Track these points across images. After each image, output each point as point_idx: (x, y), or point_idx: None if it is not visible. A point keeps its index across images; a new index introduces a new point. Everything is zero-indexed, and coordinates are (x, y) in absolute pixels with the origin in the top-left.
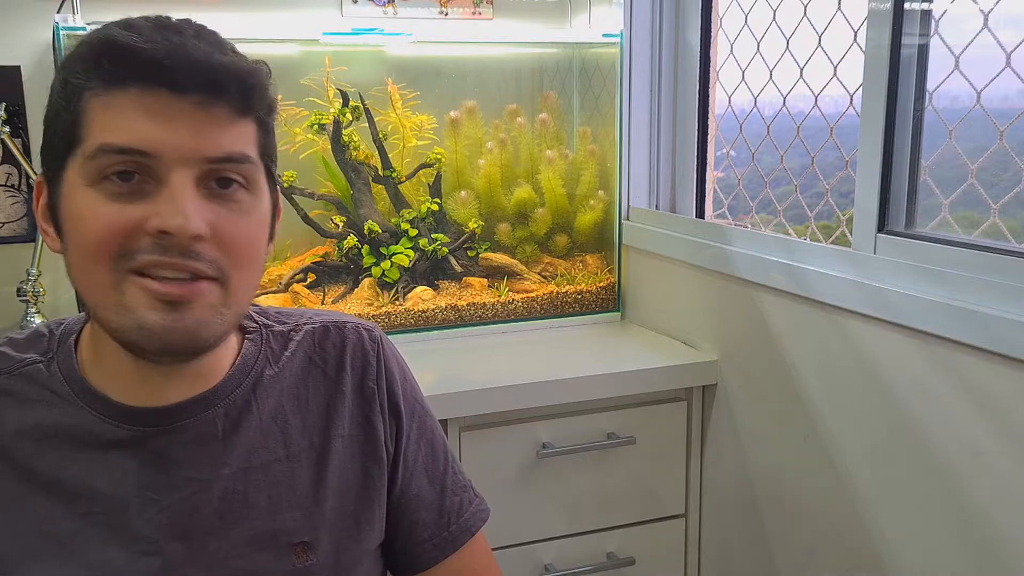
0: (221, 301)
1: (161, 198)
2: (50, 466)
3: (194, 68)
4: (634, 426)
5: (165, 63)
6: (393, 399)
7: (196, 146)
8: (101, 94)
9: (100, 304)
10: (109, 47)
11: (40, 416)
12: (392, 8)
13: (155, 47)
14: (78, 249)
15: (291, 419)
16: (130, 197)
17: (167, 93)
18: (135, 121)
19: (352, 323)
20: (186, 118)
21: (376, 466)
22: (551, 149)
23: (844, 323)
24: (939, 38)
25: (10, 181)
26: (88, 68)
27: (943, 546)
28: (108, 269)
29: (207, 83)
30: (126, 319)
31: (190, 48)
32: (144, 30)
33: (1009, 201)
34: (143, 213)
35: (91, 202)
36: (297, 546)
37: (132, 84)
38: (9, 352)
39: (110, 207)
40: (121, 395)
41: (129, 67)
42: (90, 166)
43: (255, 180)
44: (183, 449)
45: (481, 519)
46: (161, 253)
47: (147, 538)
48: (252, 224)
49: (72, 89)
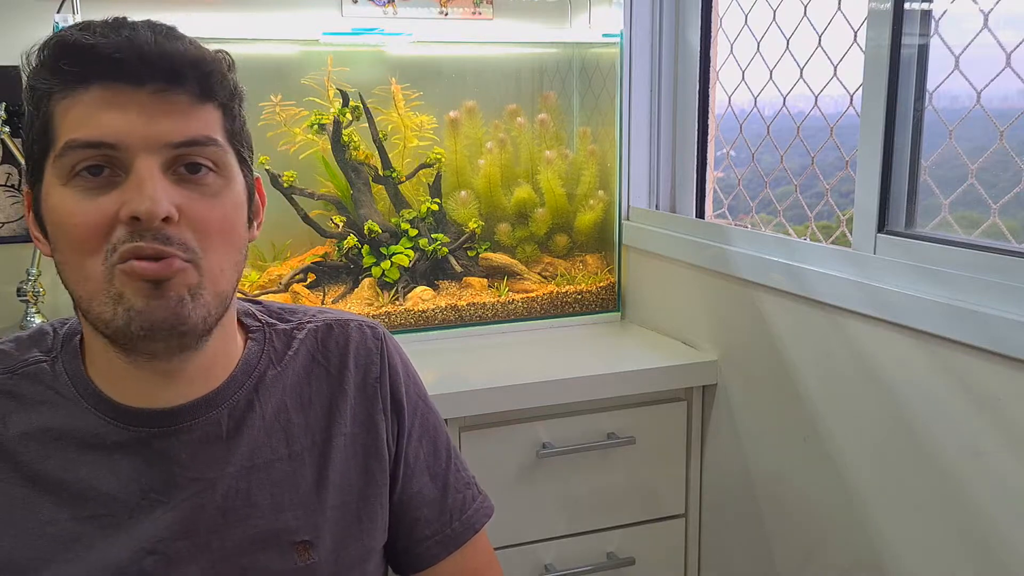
0: (196, 283)
1: (129, 186)
2: (56, 468)
3: (148, 59)
4: (634, 426)
5: (118, 57)
6: (396, 397)
7: (157, 133)
8: (65, 95)
9: (94, 298)
10: (65, 49)
11: (45, 418)
12: (392, 8)
13: (108, 42)
14: (65, 248)
15: (294, 418)
16: (102, 190)
17: (126, 86)
18: (97, 116)
19: (355, 321)
20: (146, 107)
21: (378, 464)
22: (551, 149)
23: (844, 323)
24: (939, 38)
25: (10, 181)
26: (49, 72)
27: (943, 546)
28: (98, 263)
29: (163, 72)
30: (118, 307)
31: (142, 40)
32: (97, 28)
33: (1009, 201)
34: (115, 203)
35: (67, 200)
36: (299, 545)
37: (92, 82)
38: (12, 351)
39: (85, 203)
40: (125, 397)
41: (86, 65)
42: (60, 164)
43: (225, 163)
44: (188, 450)
45: (485, 516)
46: (137, 240)
47: (152, 537)
48: (224, 206)
49: (39, 95)
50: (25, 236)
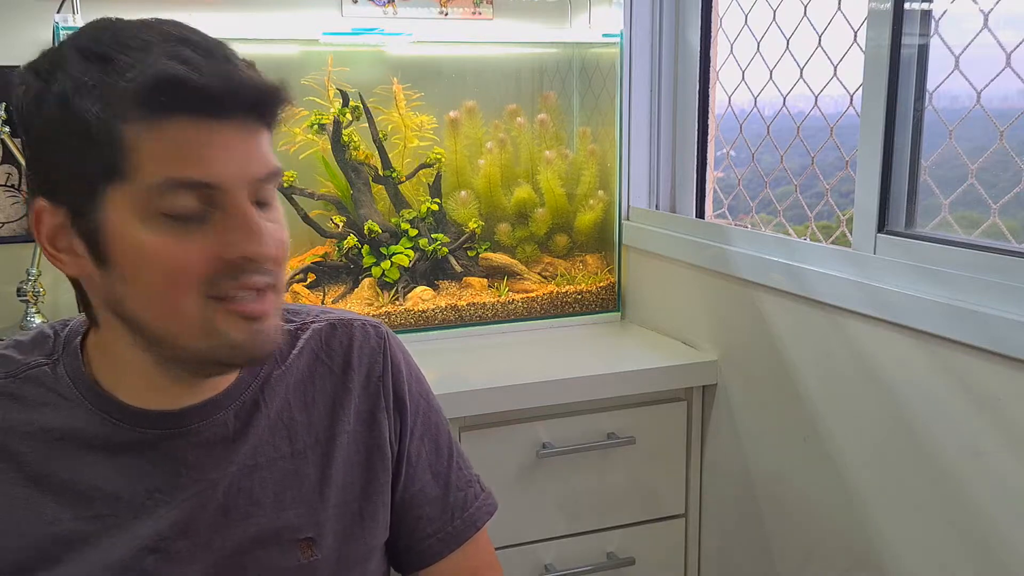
0: (278, 304)
1: (231, 225)
2: (60, 469)
3: (242, 93)
4: (634, 426)
5: (219, 94)
6: (398, 395)
7: (249, 169)
8: (151, 127)
9: (184, 333)
10: (169, 83)
11: (48, 419)
12: (392, 8)
13: (211, 81)
14: (156, 286)
15: (297, 416)
16: (194, 227)
17: (213, 120)
18: (197, 153)
19: (359, 320)
20: (236, 143)
21: (381, 462)
22: (550, 149)
23: (844, 323)
24: (939, 38)
25: (10, 181)
26: (139, 101)
27: (943, 546)
28: (196, 300)
29: (250, 105)
30: (216, 341)
31: (237, 74)
32: (195, 62)
33: (1009, 201)
34: (214, 242)
35: (161, 239)
36: (302, 542)
37: (181, 114)
38: (14, 355)
39: (182, 242)
40: (132, 398)
41: (185, 102)
42: (152, 200)
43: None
44: (195, 451)
45: (487, 513)
46: (238, 277)
47: (154, 536)
48: (285, 229)
49: (109, 123)
50: (25, 236)
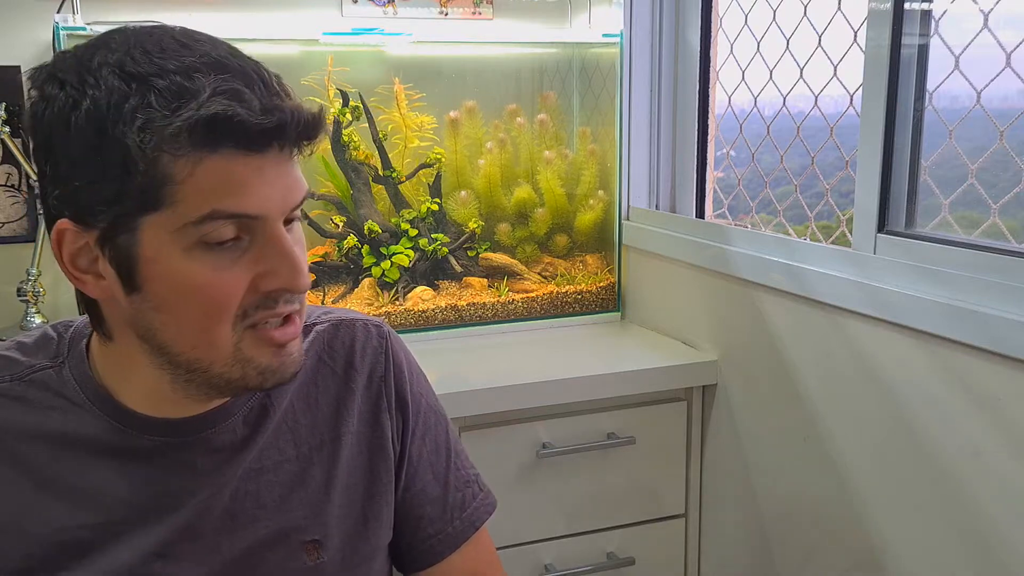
0: (301, 326)
1: (268, 254)
2: (67, 474)
3: (289, 127)
4: (634, 426)
5: (269, 130)
6: (400, 395)
7: (288, 198)
8: (193, 159)
9: (216, 361)
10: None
11: (56, 423)
12: (392, 8)
13: (262, 118)
14: (193, 316)
15: (301, 419)
16: (232, 256)
17: (257, 153)
18: (239, 187)
19: (361, 320)
20: (276, 173)
21: (384, 463)
22: (550, 149)
23: (844, 323)
24: (939, 38)
25: (10, 181)
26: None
27: (943, 546)
28: (229, 330)
29: (294, 138)
30: (246, 368)
31: (284, 107)
32: (246, 97)
33: (1009, 201)
34: (249, 271)
35: (198, 270)
36: (308, 544)
37: (227, 147)
38: (18, 357)
39: (222, 272)
40: (142, 406)
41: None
42: (194, 232)
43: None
44: (204, 458)
45: (486, 513)
46: (272, 307)
47: (161, 541)
48: (305, 251)
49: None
50: (25, 236)
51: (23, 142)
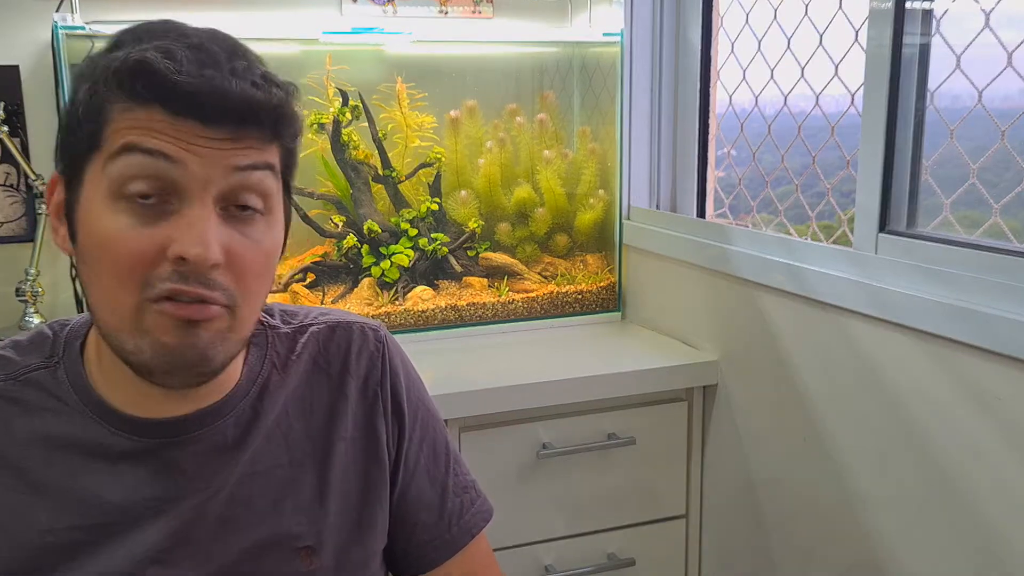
0: (228, 327)
1: (181, 222)
2: (59, 476)
3: (225, 104)
4: (634, 426)
5: (195, 97)
6: (396, 401)
7: (220, 165)
8: (128, 108)
9: (117, 327)
10: (145, 71)
11: (48, 425)
12: (392, 7)
13: (185, 80)
14: (100, 271)
15: (294, 423)
16: (151, 220)
17: (194, 123)
18: (162, 138)
19: (358, 323)
20: (213, 146)
21: (378, 469)
22: (549, 149)
23: (845, 323)
24: (940, 37)
25: (9, 181)
26: (119, 83)
27: (943, 546)
28: (132, 297)
29: (237, 118)
30: (143, 341)
31: (222, 83)
32: (182, 61)
33: (1010, 201)
34: (163, 237)
35: (113, 224)
36: (302, 550)
37: (158, 107)
38: (13, 356)
39: (133, 232)
40: (131, 407)
41: (158, 93)
42: (111, 170)
43: (272, 197)
44: (194, 460)
45: (483, 520)
46: (178, 281)
47: (154, 547)
48: (265, 249)
49: (99, 100)
50: (24, 236)
51: (22, 141)
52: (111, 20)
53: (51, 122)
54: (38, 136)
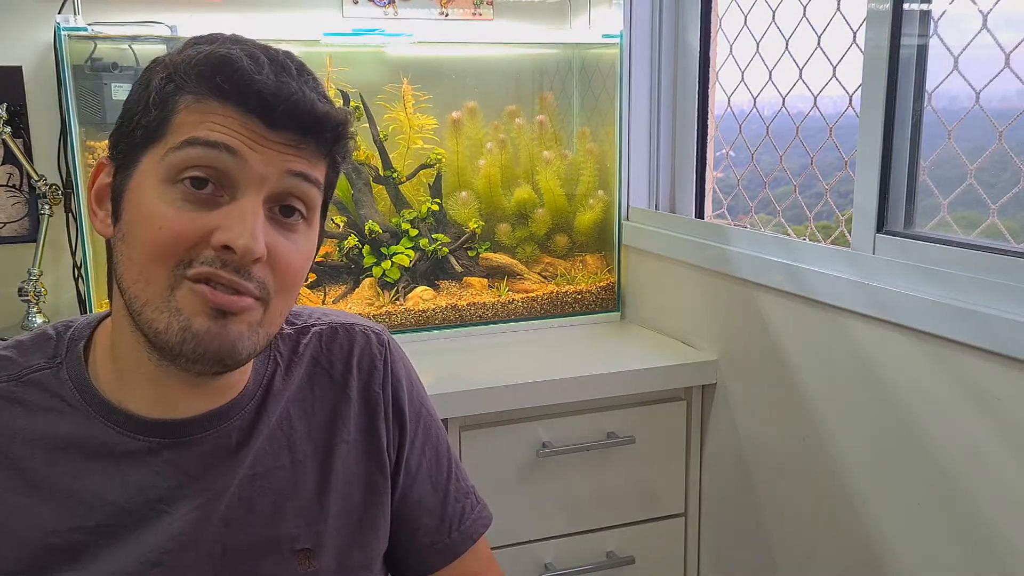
0: (259, 320)
1: (232, 214)
2: (62, 477)
3: (296, 111)
4: (634, 426)
5: (271, 100)
6: (398, 405)
7: (277, 166)
8: (200, 100)
9: (149, 302)
10: (228, 67)
11: (51, 426)
12: (392, 9)
13: (267, 82)
14: (140, 246)
15: (296, 425)
16: (201, 206)
17: (263, 124)
18: (227, 132)
19: (361, 325)
20: (274, 149)
21: (380, 472)
22: (549, 150)
23: (843, 323)
24: (938, 38)
25: (11, 181)
26: (198, 74)
27: (942, 546)
28: (167, 272)
29: (302, 126)
30: (173, 320)
31: (298, 93)
32: (263, 64)
33: (1008, 201)
34: (211, 224)
35: (163, 203)
36: (300, 552)
37: (233, 105)
38: (15, 357)
39: (181, 213)
40: (137, 406)
41: (238, 90)
42: (171, 159)
43: (314, 209)
44: (198, 461)
45: (483, 526)
46: (219, 267)
47: (157, 548)
48: (302, 255)
49: (171, 88)
50: (27, 236)
51: (24, 142)
52: (113, 21)
53: (54, 123)
54: (40, 137)
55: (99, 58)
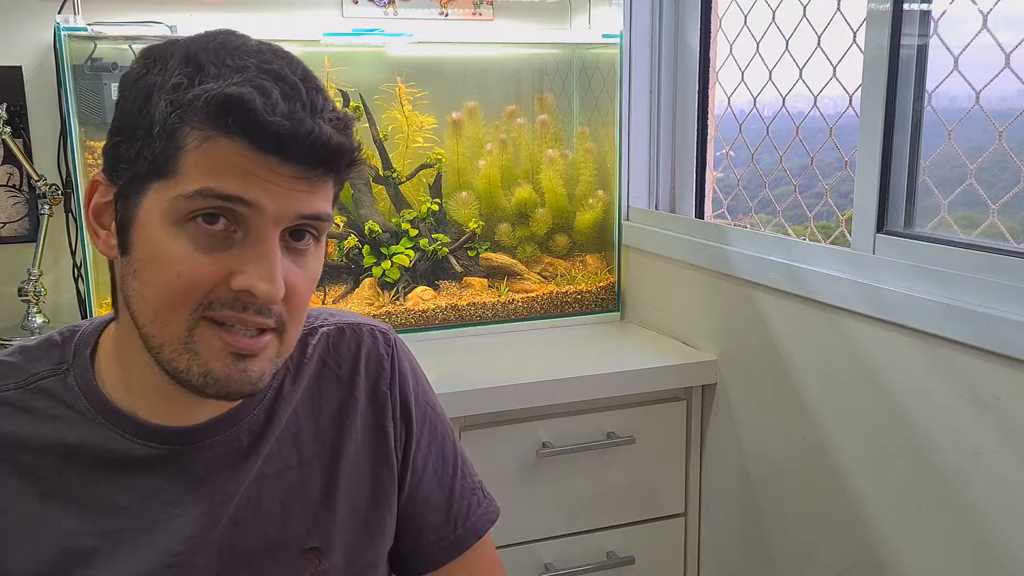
0: (277, 351)
1: (250, 254)
2: (73, 484)
3: (310, 148)
4: (634, 426)
5: (286, 139)
6: (405, 405)
7: (292, 208)
8: (209, 138)
9: (166, 343)
10: (241, 108)
11: (61, 433)
12: (392, 9)
13: (282, 123)
14: (156, 290)
15: (304, 425)
16: (216, 245)
17: (274, 160)
18: (239, 175)
19: (368, 325)
20: (287, 184)
21: (387, 471)
22: (551, 148)
23: (843, 323)
24: (938, 39)
25: (11, 181)
26: (209, 115)
27: (942, 546)
28: (186, 314)
29: (316, 161)
30: (193, 363)
31: (312, 127)
32: (276, 100)
33: (1008, 201)
34: (228, 265)
35: (176, 245)
36: (308, 552)
37: (244, 142)
38: (21, 363)
39: (197, 257)
40: (146, 413)
41: (249, 131)
42: (183, 205)
43: (324, 232)
44: (209, 466)
45: (489, 521)
46: (240, 310)
47: (169, 551)
48: (312, 277)
49: (176, 120)
50: (27, 236)
51: (24, 142)
52: (113, 21)
53: (54, 123)
54: (40, 137)
55: (99, 58)
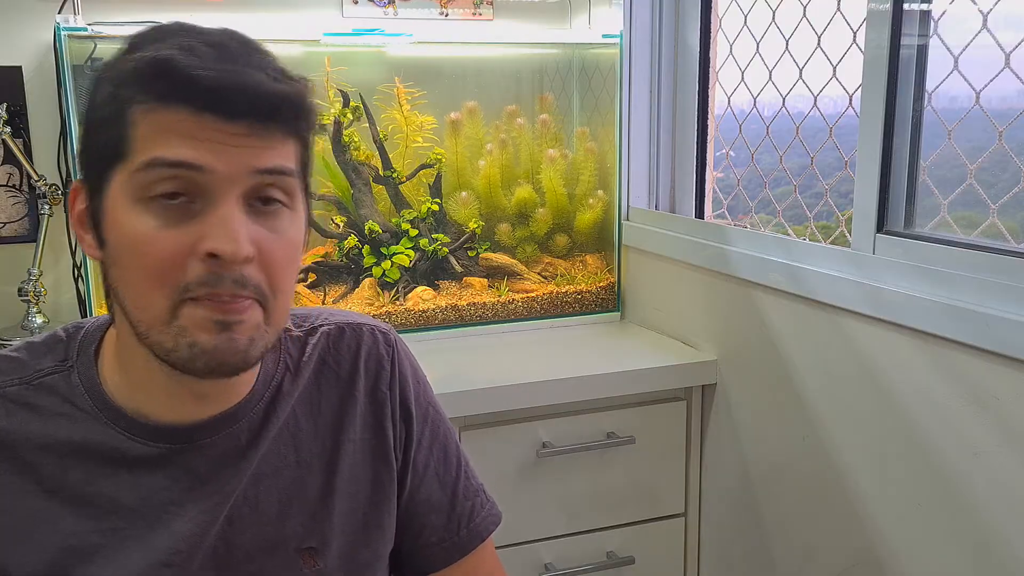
0: (264, 320)
1: (211, 220)
2: (76, 482)
3: (247, 97)
4: (634, 426)
5: (219, 92)
6: (405, 405)
7: (244, 165)
8: (151, 110)
9: (152, 327)
10: (166, 68)
11: (64, 431)
12: (392, 9)
13: (210, 74)
14: (133, 272)
15: (303, 424)
16: (179, 219)
17: (217, 118)
18: (186, 140)
19: (368, 325)
20: (235, 142)
21: (387, 471)
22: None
23: (843, 323)
24: (938, 39)
25: (11, 181)
26: (141, 84)
27: (942, 546)
28: (166, 296)
29: (259, 112)
30: (180, 339)
31: (244, 77)
32: (202, 55)
33: (1008, 201)
34: (193, 236)
35: (141, 224)
36: (304, 552)
37: (183, 105)
38: (26, 359)
39: (162, 232)
40: (148, 411)
41: (183, 90)
42: (138, 179)
43: (294, 195)
44: (209, 464)
45: (492, 523)
46: (214, 284)
47: (169, 549)
48: (291, 242)
49: (121, 102)
50: (27, 236)
51: (24, 142)
52: (113, 21)
53: (53, 123)
54: (40, 137)
55: (99, 58)
